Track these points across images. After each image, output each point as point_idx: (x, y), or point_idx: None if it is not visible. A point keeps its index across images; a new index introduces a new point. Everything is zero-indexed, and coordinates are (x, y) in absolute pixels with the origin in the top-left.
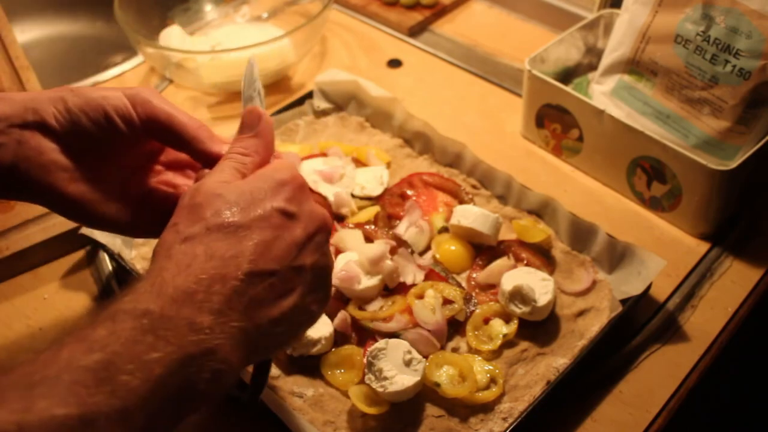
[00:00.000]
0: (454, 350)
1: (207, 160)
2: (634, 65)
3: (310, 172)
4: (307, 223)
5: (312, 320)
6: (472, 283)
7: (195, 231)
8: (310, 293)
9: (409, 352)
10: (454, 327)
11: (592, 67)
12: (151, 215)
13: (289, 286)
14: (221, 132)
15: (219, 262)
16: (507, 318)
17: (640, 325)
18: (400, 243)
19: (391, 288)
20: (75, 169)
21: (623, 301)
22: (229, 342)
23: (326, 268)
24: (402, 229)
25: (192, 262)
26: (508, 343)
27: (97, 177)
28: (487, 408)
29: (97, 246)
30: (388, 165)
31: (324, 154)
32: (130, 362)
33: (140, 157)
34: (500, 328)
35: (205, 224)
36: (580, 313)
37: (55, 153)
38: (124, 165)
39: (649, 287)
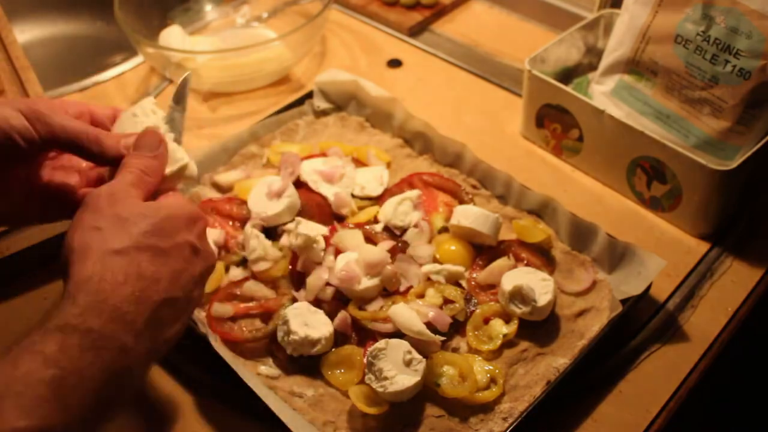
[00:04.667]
0: (454, 350)
1: (107, 163)
2: (634, 65)
3: (310, 172)
4: (205, 261)
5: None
6: (472, 283)
7: (125, 245)
8: (186, 322)
9: (409, 352)
10: (454, 327)
11: (592, 67)
12: (37, 206)
13: (182, 313)
14: (221, 132)
15: (145, 283)
16: (507, 318)
17: (640, 325)
18: (400, 245)
19: (391, 291)
20: None
21: (623, 301)
22: (140, 361)
23: (200, 302)
24: None
25: (126, 279)
26: (508, 343)
27: None
28: (487, 408)
29: None
30: (388, 165)
31: (324, 154)
32: (77, 378)
33: (34, 162)
34: (500, 328)
35: (134, 241)
36: (580, 313)
37: None
38: (16, 172)
39: (649, 287)
